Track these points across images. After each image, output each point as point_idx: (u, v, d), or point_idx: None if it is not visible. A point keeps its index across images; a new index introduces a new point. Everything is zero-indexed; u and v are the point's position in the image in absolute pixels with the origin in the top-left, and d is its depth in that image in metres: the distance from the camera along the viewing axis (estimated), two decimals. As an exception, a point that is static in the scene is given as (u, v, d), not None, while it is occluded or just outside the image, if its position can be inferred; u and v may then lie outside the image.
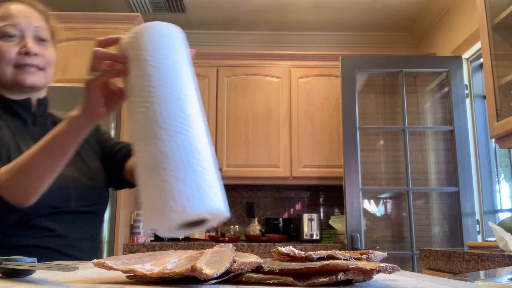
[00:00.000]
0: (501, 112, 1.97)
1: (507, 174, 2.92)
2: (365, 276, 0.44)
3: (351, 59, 3.23)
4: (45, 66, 1.11)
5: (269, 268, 0.45)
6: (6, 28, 1.07)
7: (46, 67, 1.11)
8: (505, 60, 2.03)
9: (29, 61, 1.07)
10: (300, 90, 3.58)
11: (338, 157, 3.40)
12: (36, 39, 1.10)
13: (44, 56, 1.10)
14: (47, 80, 1.13)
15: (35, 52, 1.07)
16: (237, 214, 3.77)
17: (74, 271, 0.44)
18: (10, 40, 1.07)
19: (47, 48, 1.12)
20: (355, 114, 3.12)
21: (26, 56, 1.07)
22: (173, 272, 0.41)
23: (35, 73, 1.08)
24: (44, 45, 1.12)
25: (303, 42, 4.00)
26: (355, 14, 3.67)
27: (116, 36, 0.76)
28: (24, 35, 1.08)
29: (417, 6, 3.52)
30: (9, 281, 0.46)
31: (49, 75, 1.14)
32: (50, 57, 1.13)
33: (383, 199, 3.67)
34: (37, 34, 1.10)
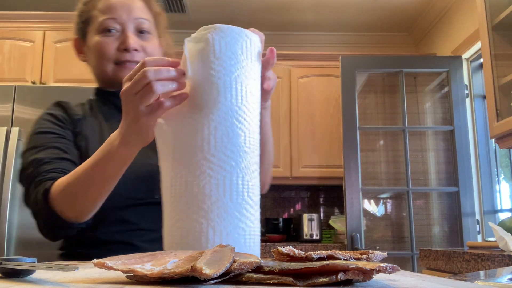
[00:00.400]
0: (501, 112, 1.97)
1: (507, 174, 2.92)
2: (365, 276, 0.44)
3: (351, 59, 3.23)
4: None
5: (269, 268, 0.45)
6: (106, 22, 1.02)
7: None
8: (505, 60, 2.02)
9: (128, 57, 1.02)
10: (300, 90, 3.58)
11: (338, 157, 3.40)
12: (137, 32, 1.04)
13: (146, 51, 1.04)
14: None
15: (135, 48, 1.02)
16: (237, 214, 3.77)
17: (74, 271, 0.44)
18: (110, 35, 1.02)
19: (149, 41, 1.06)
20: (355, 114, 3.12)
21: (125, 52, 1.02)
22: (173, 272, 0.41)
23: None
24: (145, 37, 1.05)
25: (303, 42, 4.00)
26: (355, 14, 3.67)
27: (175, 60, 0.67)
28: (125, 28, 1.03)
29: (417, 6, 3.52)
30: (9, 281, 0.46)
31: None
32: (152, 51, 1.05)
33: (383, 199, 3.67)
34: (138, 26, 1.04)
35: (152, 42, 1.06)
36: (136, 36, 1.04)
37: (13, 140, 2.65)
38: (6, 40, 3.07)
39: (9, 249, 2.56)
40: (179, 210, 0.60)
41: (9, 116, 2.73)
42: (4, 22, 3.10)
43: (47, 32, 3.09)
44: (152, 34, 1.07)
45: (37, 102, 2.77)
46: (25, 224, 2.56)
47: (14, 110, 2.75)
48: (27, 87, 2.83)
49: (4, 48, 3.05)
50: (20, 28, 3.09)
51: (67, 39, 3.07)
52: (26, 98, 2.78)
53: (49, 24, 3.10)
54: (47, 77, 3.01)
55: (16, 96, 2.77)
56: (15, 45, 3.06)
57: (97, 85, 1.13)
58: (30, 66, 3.02)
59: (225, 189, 0.58)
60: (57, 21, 3.10)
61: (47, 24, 3.10)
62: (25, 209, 0.95)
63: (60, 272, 0.53)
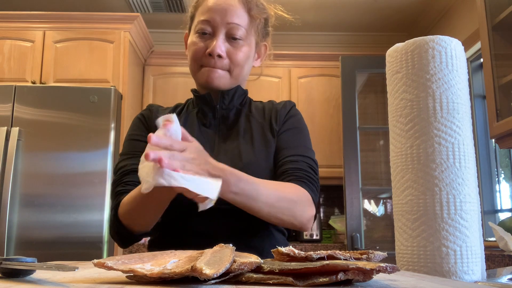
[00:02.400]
0: (501, 112, 1.97)
1: (507, 174, 2.92)
2: (365, 276, 0.44)
3: (351, 59, 3.23)
4: (231, 68, 1.03)
5: (269, 268, 0.45)
6: (201, 24, 1.03)
7: (232, 69, 1.04)
8: (505, 60, 2.02)
9: (211, 63, 1.02)
10: (300, 90, 3.58)
11: (338, 157, 3.40)
12: (228, 37, 1.03)
13: (232, 58, 1.03)
14: (234, 80, 1.06)
15: (219, 54, 1.01)
16: (237, 214, 3.77)
17: (74, 271, 0.44)
18: (203, 37, 1.03)
19: (238, 49, 1.03)
20: (355, 114, 3.12)
21: (210, 57, 1.01)
22: (173, 272, 0.41)
23: (218, 75, 1.03)
24: (235, 44, 1.03)
25: (303, 42, 4.00)
26: (355, 14, 3.67)
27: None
28: (216, 32, 1.02)
29: (417, 6, 3.52)
30: (9, 281, 0.46)
31: (238, 75, 1.06)
32: (238, 59, 1.03)
33: (383, 199, 3.67)
34: (230, 32, 1.02)
35: (242, 50, 1.04)
36: (227, 41, 1.03)
37: (13, 140, 2.65)
38: (6, 40, 3.07)
39: (9, 249, 2.56)
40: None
41: (9, 116, 2.74)
42: (4, 22, 3.10)
43: (47, 32, 3.09)
44: (245, 41, 1.05)
45: (37, 102, 2.77)
46: (25, 224, 2.56)
47: (14, 110, 2.75)
48: (27, 87, 2.83)
49: (4, 48, 3.05)
50: (20, 28, 3.09)
51: (67, 39, 3.07)
52: (26, 98, 2.78)
53: (49, 24, 3.10)
54: (47, 77, 3.01)
55: (16, 96, 2.77)
56: (15, 45, 3.06)
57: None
58: (30, 66, 3.02)
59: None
60: (57, 21, 3.10)
61: (47, 24, 3.10)
62: (25, 209, 0.96)
63: (60, 272, 0.53)
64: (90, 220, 2.63)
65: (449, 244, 0.65)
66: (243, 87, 1.12)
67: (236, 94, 1.09)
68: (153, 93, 3.47)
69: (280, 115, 1.09)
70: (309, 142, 1.09)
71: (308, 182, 0.99)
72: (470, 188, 0.68)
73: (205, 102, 1.07)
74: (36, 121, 2.73)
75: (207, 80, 1.03)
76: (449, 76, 0.71)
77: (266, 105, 1.14)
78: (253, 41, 1.08)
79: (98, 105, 2.78)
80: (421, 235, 0.67)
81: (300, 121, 1.11)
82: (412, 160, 0.70)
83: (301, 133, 1.08)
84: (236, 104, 1.10)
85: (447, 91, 0.70)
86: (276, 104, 1.13)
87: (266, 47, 1.16)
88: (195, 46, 1.04)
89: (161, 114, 1.07)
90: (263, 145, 1.04)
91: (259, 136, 1.05)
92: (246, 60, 1.05)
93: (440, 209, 0.66)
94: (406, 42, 0.76)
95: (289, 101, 1.15)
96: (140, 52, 3.40)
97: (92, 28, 3.09)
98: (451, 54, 0.73)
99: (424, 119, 0.69)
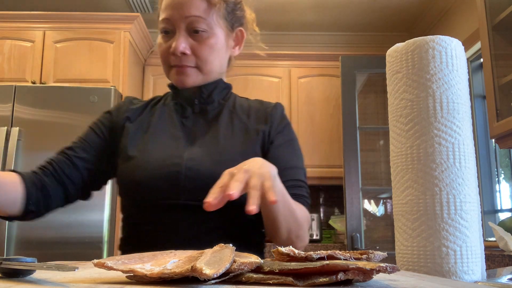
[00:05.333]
0: (501, 112, 1.97)
1: (507, 174, 2.92)
2: (365, 276, 0.44)
3: (351, 59, 3.23)
4: (199, 64, 0.98)
5: (269, 268, 0.45)
6: (162, 23, 0.98)
7: (200, 64, 0.98)
8: (505, 60, 2.02)
9: (177, 62, 0.97)
10: (300, 90, 3.58)
11: (338, 157, 3.40)
12: (189, 31, 0.97)
13: (197, 53, 0.97)
14: (207, 75, 1.01)
15: (182, 51, 0.96)
16: (237, 214, 3.77)
17: (74, 271, 0.44)
18: (166, 37, 0.99)
19: (202, 42, 0.97)
20: (355, 114, 3.12)
21: (174, 56, 0.97)
22: (173, 272, 0.41)
23: (187, 73, 0.98)
24: (198, 38, 0.97)
25: (303, 42, 4.00)
26: (355, 14, 3.67)
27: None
28: (176, 29, 0.97)
29: (417, 6, 3.52)
30: (9, 281, 0.46)
31: (210, 70, 1.00)
32: (205, 53, 0.97)
33: (383, 199, 3.67)
34: (190, 26, 0.96)
35: (207, 43, 0.97)
36: (190, 36, 0.97)
37: (13, 140, 2.65)
38: (6, 40, 3.07)
39: (9, 249, 2.56)
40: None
41: (9, 116, 2.73)
42: (4, 22, 3.10)
43: (47, 32, 3.09)
44: (209, 32, 0.98)
45: (37, 102, 2.77)
46: (25, 224, 2.56)
47: (14, 110, 2.75)
48: (27, 87, 2.83)
49: (4, 48, 3.05)
50: (20, 28, 3.09)
51: (67, 39, 3.07)
52: (26, 98, 2.78)
53: (49, 24, 3.10)
54: (47, 77, 3.01)
55: (16, 96, 2.77)
56: (15, 45, 3.06)
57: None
58: (30, 66, 3.02)
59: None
60: (57, 21, 3.10)
61: (47, 24, 3.10)
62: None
63: (60, 272, 0.53)
64: (90, 220, 2.63)
65: (449, 244, 0.65)
66: (224, 80, 1.08)
67: (217, 89, 1.04)
68: (153, 93, 3.47)
69: (273, 118, 1.04)
70: (301, 154, 1.08)
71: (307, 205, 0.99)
72: (470, 188, 0.68)
73: (182, 97, 1.04)
74: (36, 121, 2.73)
75: (177, 82, 1.00)
76: (449, 76, 0.71)
77: (252, 104, 1.08)
78: (219, 30, 1.00)
79: (98, 105, 2.77)
80: (421, 235, 0.67)
81: (292, 130, 1.08)
82: (412, 160, 0.70)
83: (296, 146, 1.07)
84: (217, 99, 1.05)
85: (447, 91, 0.70)
86: (266, 105, 1.08)
87: (243, 32, 1.08)
88: (160, 47, 1.01)
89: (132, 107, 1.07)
90: (244, 144, 0.99)
91: (241, 134, 1.00)
92: (213, 52, 0.99)
93: (440, 209, 0.66)
94: (406, 42, 0.76)
95: (279, 103, 1.09)
96: (140, 52, 3.40)
97: (92, 28, 3.09)
98: (451, 54, 0.73)
99: (424, 119, 0.70)
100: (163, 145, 0.98)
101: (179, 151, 0.96)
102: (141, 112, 1.07)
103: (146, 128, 1.02)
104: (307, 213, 0.96)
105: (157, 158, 0.95)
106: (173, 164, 0.93)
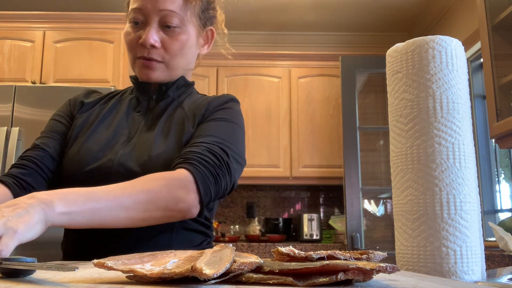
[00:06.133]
0: (501, 112, 1.97)
1: (507, 174, 2.92)
2: (365, 276, 0.44)
3: (351, 59, 3.23)
4: (167, 58, 0.97)
5: (269, 268, 0.45)
6: (133, 12, 0.96)
7: (168, 59, 0.98)
8: (505, 60, 2.02)
9: (145, 53, 0.96)
10: (300, 90, 3.58)
11: (338, 157, 3.40)
12: (162, 25, 0.96)
13: (167, 48, 0.96)
14: (173, 72, 1.00)
15: (152, 44, 0.94)
16: (237, 214, 3.77)
17: (74, 271, 0.44)
18: (136, 27, 0.97)
19: (173, 37, 0.97)
20: (355, 114, 3.12)
21: (143, 48, 0.96)
22: (173, 272, 0.41)
23: (153, 67, 0.97)
24: (170, 33, 0.96)
25: (303, 42, 4.00)
26: (355, 14, 3.67)
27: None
28: (148, 21, 0.96)
29: (417, 6, 3.52)
30: (9, 281, 0.46)
31: (176, 66, 1.00)
32: (175, 48, 0.97)
33: (383, 199, 3.67)
34: (163, 20, 0.95)
35: (178, 38, 0.97)
36: (162, 30, 0.97)
37: (13, 140, 2.65)
38: (6, 40, 3.07)
39: (9, 249, 2.56)
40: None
41: (9, 116, 2.74)
42: (4, 22, 3.10)
43: (47, 32, 3.09)
44: (182, 28, 0.97)
45: (37, 102, 2.77)
46: (25, 224, 2.56)
47: (14, 110, 2.75)
48: (27, 87, 2.83)
49: (4, 48, 3.05)
50: (20, 28, 3.09)
51: (67, 39, 3.07)
52: (26, 98, 2.78)
53: (49, 24, 3.10)
54: (47, 77, 3.01)
55: (16, 96, 2.77)
56: (15, 45, 3.06)
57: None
58: (30, 66, 3.02)
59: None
60: (57, 21, 3.10)
61: (47, 24, 3.10)
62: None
63: (60, 272, 0.53)
64: (90, 220, 2.63)
65: (449, 244, 0.65)
66: (188, 78, 1.07)
67: (174, 86, 1.02)
68: (153, 93, 3.47)
69: (210, 105, 0.99)
70: (230, 135, 0.94)
71: (197, 163, 0.84)
72: (470, 188, 0.68)
73: (141, 91, 1.03)
74: (36, 121, 2.73)
75: (141, 74, 0.99)
76: (449, 76, 0.71)
77: (202, 98, 1.05)
78: (192, 27, 1.00)
79: (98, 105, 2.77)
80: (421, 235, 0.67)
81: (231, 115, 0.99)
82: (412, 160, 0.70)
83: (225, 125, 0.96)
84: (173, 96, 1.03)
85: (447, 91, 0.70)
86: (213, 97, 1.04)
87: (213, 32, 1.08)
88: (128, 36, 0.98)
89: (88, 100, 1.06)
90: (179, 136, 0.95)
91: (176, 127, 0.97)
92: (183, 49, 0.98)
93: (440, 209, 0.66)
94: (406, 42, 0.76)
95: (228, 95, 1.06)
96: (140, 52, 3.40)
97: (92, 28, 3.09)
98: (451, 54, 0.73)
99: (424, 119, 0.70)
100: (102, 140, 0.97)
101: (117, 147, 0.95)
102: (94, 104, 1.06)
103: (92, 121, 1.01)
104: (163, 176, 0.82)
105: (93, 152, 0.94)
106: (108, 159, 0.93)
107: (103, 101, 1.07)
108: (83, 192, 0.74)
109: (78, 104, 1.06)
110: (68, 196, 0.72)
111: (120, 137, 0.97)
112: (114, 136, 0.97)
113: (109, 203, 0.74)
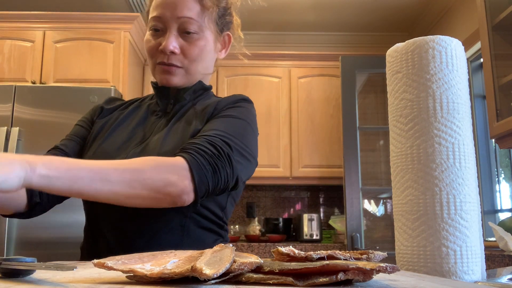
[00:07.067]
0: (501, 112, 1.97)
1: (507, 174, 2.92)
2: (365, 276, 0.44)
3: (351, 59, 3.23)
4: (186, 64, 1.01)
5: (269, 268, 0.45)
6: (153, 21, 1.00)
7: (187, 65, 1.01)
8: (505, 60, 2.02)
9: (165, 59, 0.99)
10: (300, 90, 3.58)
11: (338, 157, 3.40)
12: (181, 31, 0.99)
13: (186, 53, 0.99)
14: (192, 77, 1.03)
15: (172, 50, 0.98)
16: (237, 214, 3.77)
17: (74, 271, 0.44)
18: (156, 34, 1.01)
19: (192, 43, 1.00)
20: (355, 114, 3.12)
21: (163, 54, 0.99)
22: (173, 272, 0.41)
23: (172, 72, 1.00)
24: (189, 39, 0.99)
25: (303, 42, 4.00)
26: (355, 14, 3.67)
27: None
28: (167, 28, 0.99)
29: (417, 6, 3.52)
30: (9, 281, 0.46)
31: (195, 71, 1.03)
32: (194, 54, 1.00)
33: (383, 199, 3.67)
34: (182, 26, 0.99)
35: (196, 44, 1.00)
36: (181, 36, 1.00)
37: (13, 140, 2.65)
38: (6, 40, 3.07)
39: (9, 249, 2.56)
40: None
41: (9, 116, 2.73)
42: (4, 22, 3.10)
43: (47, 32, 3.09)
44: (200, 34, 1.01)
45: (37, 102, 2.77)
46: (25, 224, 2.56)
47: (14, 110, 2.75)
48: (27, 87, 2.83)
49: (4, 48, 3.05)
50: (20, 28, 3.09)
51: (67, 39, 3.07)
52: (26, 98, 2.78)
53: (49, 24, 3.10)
54: (47, 77, 3.01)
55: (16, 96, 2.77)
56: (15, 45, 3.06)
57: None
58: (30, 66, 3.02)
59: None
60: (57, 21, 3.10)
61: (47, 24, 3.10)
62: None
63: (59, 272, 0.53)
64: (90, 220, 2.63)
65: (449, 244, 0.65)
66: (206, 83, 1.09)
67: (191, 90, 1.05)
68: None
69: (220, 104, 1.01)
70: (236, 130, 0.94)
71: (194, 152, 0.84)
72: (470, 188, 0.68)
73: (161, 95, 1.05)
74: (36, 121, 2.73)
75: (161, 79, 1.02)
76: (449, 76, 0.71)
77: (216, 98, 1.07)
78: (209, 33, 1.03)
79: (98, 105, 2.78)
80: (421, 235, 0.67)
81: (240, 112, 0.99)
82: (412, 160, 0.70)
83: (232, 121, 0.96)
84: (190, 99, 1.05)
85: (447, 91, 0.70)
86: (225, 97, 1.06)
87: (230, 36, 1.11)
88: (149, 43, 1.02)
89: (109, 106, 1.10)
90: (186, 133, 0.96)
91: (185, 125, 0.98)
92: (202, 54, 1.02)
93: (440, 209, 0.66)
94: (406, 42, 0.76)
95: (240, 94, 1.07)
96: (140, 52, 3.40)
97: (92, 28, 3.09)
98: (451, 54, 0.73)
99: (424, 119, 0.70)
100: (118, 142, 1.00)
101: (130, 148, 0.98)
102: (113, 110, 1.10)
103: (110, 125, 1.05)
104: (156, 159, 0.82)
105: (108, 153, 0.97)
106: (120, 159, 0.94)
107: (123, 107, 1.11)
108: (69, 161, 0.75)
109: (99, 109, 1.10)
110: (53, 161, 0.72)
111: (135, 139, 1.00)
112: (130, 138, 1.00)
113: (92, 174, 0.73)
